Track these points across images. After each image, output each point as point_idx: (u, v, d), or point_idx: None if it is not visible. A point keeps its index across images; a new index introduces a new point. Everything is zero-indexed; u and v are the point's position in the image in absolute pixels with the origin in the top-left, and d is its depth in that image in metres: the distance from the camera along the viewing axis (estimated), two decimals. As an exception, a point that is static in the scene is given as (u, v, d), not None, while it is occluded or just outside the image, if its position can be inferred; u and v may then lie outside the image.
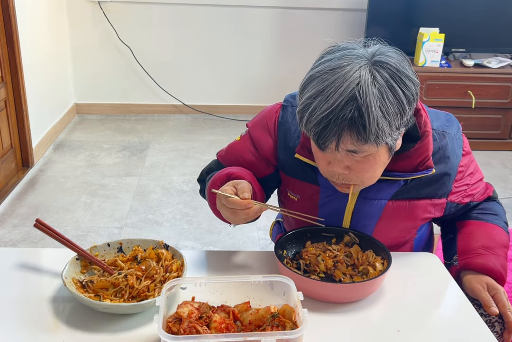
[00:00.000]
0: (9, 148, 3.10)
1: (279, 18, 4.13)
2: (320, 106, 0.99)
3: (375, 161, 1.06)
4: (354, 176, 1.08)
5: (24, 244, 2.50)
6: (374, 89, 0.97)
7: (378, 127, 0.98)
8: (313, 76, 1.03)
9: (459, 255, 1.25)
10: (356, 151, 1.03)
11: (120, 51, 4.11)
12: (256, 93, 4.33)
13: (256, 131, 1.29)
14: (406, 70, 1.02)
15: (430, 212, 1.26)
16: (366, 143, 1.00)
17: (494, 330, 1.14)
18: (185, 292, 1.01)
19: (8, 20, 2.94)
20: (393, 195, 1.21)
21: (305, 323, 0.89)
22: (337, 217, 1.25)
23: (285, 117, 1.26)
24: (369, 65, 1.00)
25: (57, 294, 1.08)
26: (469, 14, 3.70)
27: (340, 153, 1.04)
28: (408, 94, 1.01)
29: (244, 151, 1.29)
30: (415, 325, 1.04)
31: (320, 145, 1.03)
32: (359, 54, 1.02)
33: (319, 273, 1.15)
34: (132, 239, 1.19)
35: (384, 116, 0.98)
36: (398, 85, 1.00)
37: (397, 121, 1.01)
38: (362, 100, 0.96)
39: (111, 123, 4.13)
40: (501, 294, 1.15)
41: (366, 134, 0.98)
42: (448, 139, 1.22)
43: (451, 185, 1.24)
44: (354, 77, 0.98)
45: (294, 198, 1.28)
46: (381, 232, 1.25)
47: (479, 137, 3.78)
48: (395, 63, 1.01)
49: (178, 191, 3.08)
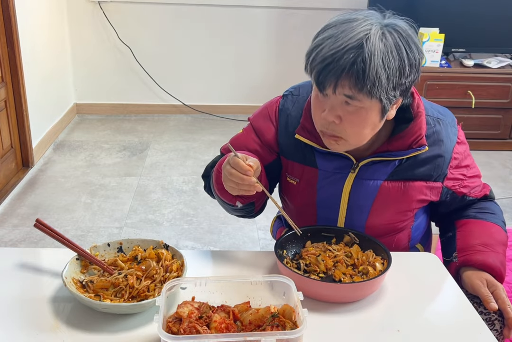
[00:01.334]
0: (9, 148, 3.10)
1: (279, 18, 4.13)
2: (329, 46, 1.06)
3: (366, 117, 1.12)
4: (343, 128, 1.13)
5: (24, 244, 2.50)
6: (380, 43, 1.05)
7: (376, 76, 1.04)
8: (328, 25, 1.11)
9: (459, 251, 1.26)
10: (352, 97, 1.08)
11: (120, 51, 4.11)
12: (256, 93, 4.33)
13: (258, 121, 1.35)
14: (414, 37, 1.10)
15: (426, 194, 1.28)
16: (362, 91, 1.06)
17: (494, 328, 1.14)
18: (185, 292, 1.01)
19: (8, 20, 2.94)
20: (389, 175, 1.25)
21: (305, 323, 0.89)
22: (335, 199, 1.29)
23: (285, 104, 1.32)
24: (380, 25, 1.08)
25: (57, 294, 1.08)
26: (469, 14, 3.70)
27: (336, 99, 1.10)
28: (411, 58, 1.08)
29: (248, 142, 1.34)
30: (415, 325, 1.04)
31: (319, 84, 1.09)
32: (374, 14, 1.11)
33: (319, 273, 1.15)
34: (132, 239, 1.19)
35: (384, 68, 1.05)
36: (404, 47, 1.07)
37: (395, 78, 1.07)
38: (367, 49, 1.04)
39: (111, 123, 4.13)
40: (501, 290, 1.16)
41: (363, 80, 1.04)
42: (442, 125, 1.27)
43: (446, 168, 1.27)
44: (365, 29, 1.06)
45: (293, 181, 1.32)
46: (377, 213, 1.28)
47: (479, 137, 3.78)
48: (405, 29, 1.09)
49: (178, 191, 3.08)
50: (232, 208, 1.30)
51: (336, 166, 1.27)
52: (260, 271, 1.19)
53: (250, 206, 1.29)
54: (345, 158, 1.26)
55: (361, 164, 1.25)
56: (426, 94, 3.64)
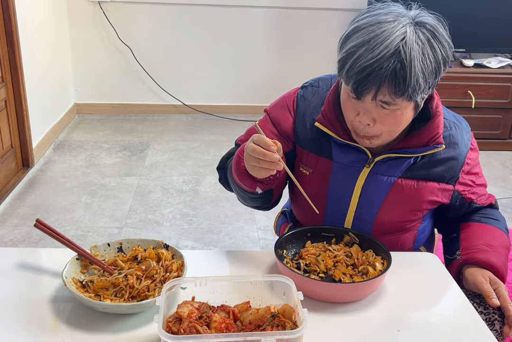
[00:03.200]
0: (9, 148, 3.10)
1: (279, 18, 4.13)
2: (366, 55, 1.05)
3: (402, 117, 1.13)
4: (378, 128, 1.14)
5: (24, 244, 2.50)
6: (417, 46, 1.05)
7: (416, 82, 1.05)
8: (358, 28, 1.09)
9: (462, 250, 1.26)
10: (389, 103, 1.09)
11: (120, 51, 4.11)
12: (256, 93, 4.33)
13: (275, 111, 1.35)
14: (444, 35, 1.10)
15: (437, 195, 1.28)
16: (402, 96, 1.07)
17: (494, 329, 1.14)
18: (185, 292, 1.01)
19: (8, 20, 2.94)
20: (403, 172, 1.25)
21: (305, 323, 0.89)
22: (347, 192, 1.29)
23: (305, 95, 1.33)
24: (413, 25, 1.07)
25: (57, 294, 1.08)
26: (469, 14, 3.70)
27: (371, 103, 1.10)
28: (445, 56, 1.09)
29: (265, 132, 1.30)
30: (415, 325, 1.04)
31: (358, 93, 1.08)
32: (403, 13, 1.09)
33: (319, 273, 1.15)
34: (132, 239, 1.19)
35: (423, 72, 1.05)
36: (437, 45, 1.08)
37: (432, 79, 1.09)
38: (406, 55, 1.03)
39: (111, 123, 4.13)
40: (503, 288, 1.16)
41: (404, 87, 1.05)
42: (458, 129, 1.29)
43: (458, 172, 1.28)
44: (400, 32, 1.05)
45: (306, 172, 1.32)
46: (387, 209, 1.28)
47: (479, 137, 3.73)
48: (436, 26, 1.10)
49: (178, 191, 3.08)
50: (251, 196, 1.27)
51: (352, 159, 1.27)
52: (260, 271, 1.19)
53: (268, 194, 1.28)
54: (361, 153, 1.26)
55: (377, 159, 1.25)
56: (426, 94, 3.63)
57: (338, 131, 1.24)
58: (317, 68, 4.21)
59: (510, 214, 3.00)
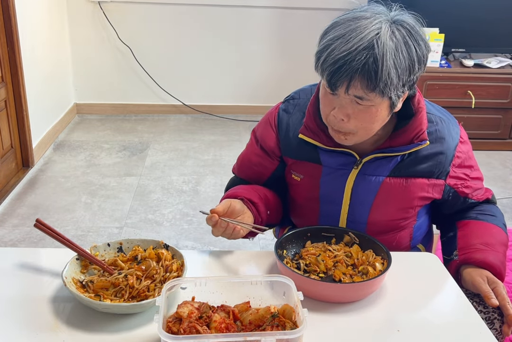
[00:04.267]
0: (9, 148, 3.10)
1: (278, 18, 4.13)
2: (339, 48, 1.07)
3: (376, 114, 1.13)
4: (353, 124, 1.15)
5: (24, 244, 2.50)
6: (390, 42, 1.06)
7: (388, 76, 1.06)
8: (336, 23, 1.12)
9: (459, 250, 1.26)
10: (362, 98, 1.09)
11: (120, 51, 4.11)
12: (256, 93, 4.33)
13: (259, 129, 1.40)
14: (421, 34, 1.11)
15: (427, 191, 1.28)
16: (374, 91, 1.07)
17: (493, 327, 1.15)
18: (185, 292, 1.01)
19: (8, 20, 2.94)
20: (391, 171, 1.26)
21: (305, 323, 0.89)
22: (338, 194, 1.30)
23: (287, 108, 1.35)
24: (389, 22, 1.09)
25: (57, 294, 1.08)
26: (469, 14, 3.70)
27: (346, 98, 1.11)
28: (420, 54, 1.10)
29: (251, 157, 1.41)
30: (415, 325, 1.04)
31: (331, 85, 1.10)
32: (381, 11, 1.11)
33: (319, 273, 1.15)
34: (132, 239, 1.19)
35: (395, 67, 1.06)
36: (413, 43, 1.08)
37: (405, 76, 1.09)
38: (379, 49, 1.05)
39: (111, 123, 4.13)
40: (501, 287, 1.16)
41: (376, 80, 1.05)
42: (444, 124, 1.29)
43: (448, 166, 1.28)
44: (375, 27, 1.06)
45: (297, 178, 1.34)
46: (378, 208, 1.29)
47: (479, 137, 3.78)
48: (413, 25, 1.10)
49: (178, 191, 3.08)
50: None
51: (340, 163, 1.28)
52: (260, 271, 1.19)
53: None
54: (348, 156, 1.27)
55: (365, 160, 1.26)
56: (426, 94, 3.64)
57: (322, 140, 1.27)
58: (317, 68, 4.20)
59: (510, 214, 3.00)
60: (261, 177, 1.41)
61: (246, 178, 1.44)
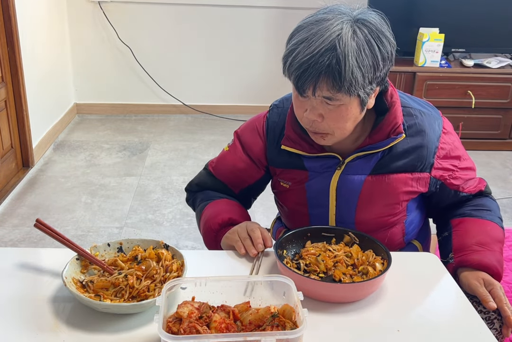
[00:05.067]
0: (9, 149, 3.10)
1: (279, 18, 4.13)
2: (303, 52, 1.08)
3: (347, 112, 1.14)
4: (327, 124, 1.16)
5: (24, 244, 2.50)
6: (352, 42, 1.07)
7: (352, 76, 1.07)
8: (300, 27, 1.13)
9: (455, 252, 1.26)
10: (331, 99, 1.11)
11: (120, 51, 4.11)
12: (256, 93, 4.33)
13: (245, 135, 1.39)
14: (384, 31, 1.12)
15: (412, 185, 1.28)
16: (340, 91, 1.09)
17: (493, 327, 1.15)
18: (185, 292, 1.01)
19: (8, 20, 2.95)
20: (372, 169, 1.27)
21: (305, 323, 0.89)
22: (323, 196, 1.31)
23: (271, 117, 1.35)
24: (351, 22, 1.10)
25: (57, 294, 1.08)
26: (469, 14, 3.70)
27: (316, 99, 1.13)
28: (384, 52, 1.11)
29: (235, 161, 1.39)
30: (415, 325, 1.04)
31: (299, 89, 1.12)
32: (343, 11, 1.12)
33: (319, 273, 1.15)
34: (132, 239, 1.19)
35: (359, 66, 1.07)
36: (375, 42, 1.09)
37: (370, 74, 1.10)
38: (341, 50, 1.06)
39: (111, 123, 4.13)
40: (498, 289, 1.16)
41: (340, 81, 1.07)
42: (425, 117, 1.28)
43: (431, 158, 1.27)
44: (336, 29, 1.08)
45: (286, 185, 1.35)
46: (364, 207, 1.30)
47: (479, 137, 3.78)
48: (375, 23, 1.11)
49: (178, 191, 3.08)
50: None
51: (324, 166, 1.29)
52: (260, 271, 1.19)
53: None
54: (332, 158, 1.28)
55: (347, 161, 1.27)
56: (426, 94, 3.64)
57: (304, 148, 1.28)
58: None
59: (510, 214, 3.00)
60: (243, 184, 1.42)
61: (225, 180, 1.42)
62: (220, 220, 1.32)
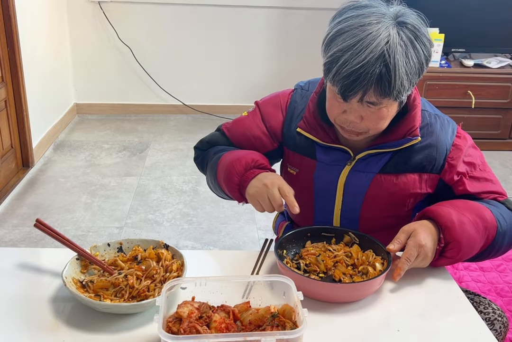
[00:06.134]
0: (9, 149, 3.10)
1: (279, 18, 4.13)
2: (351, 60, 1.06)
3: (387, 113, 1.15)
4: (365, 125, 1.16)
5: (24, 244, 2.50)
6: (400, 49, 1.06)
7: (401, 84, 1.08)
8: (342, 30, 1.09)
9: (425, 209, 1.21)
10: (375, 104, 1.12)
11: (120, 51, 4.11)
12: (256, 93, 4.31)
13: (267, 107, 1.38)
14: (424, 32, 1.11)
15: (420, 188, 1.27)
16: (387, 97, 1.09)
17: (494, 328, 1.15)
18: (185, 292, 1.01)
19: (8, 20, 2.94)
20: (381, 168, 1.26)
21: (305, 323, 0.89)
22: (331, 189, 1.31)
23: (294, 98, 1.35)
24: (396, 26, 1.08)
25: (57, 294, 1.08)
26: (469, 14, 3.70)
27: (358, 104, 1.12)
28: (427, 55, 1.11)
29: (252, 127, 1.37)
30: (415, 325, 1.04)
31: (345, 97, 1.11)
32: (385, 13, 1.10)
33: (319, 273, 1.15)
34: (132, 239, 1.19)
35: (407, 74, 1.08)
36: (419, 46, 1.09)
37: (415, 79, 1.12)
38: (391, 58, 1.05)
39: (111, 123, 4.13)
40: (416, 242, 1.10)
41: (390, 89, 1.07)
42: (439, 120, 1.28)
43: (441, 159, 1.25)
44: (383, 36, 1.06)
45: (293, 172, 1.35)
46: (369, 205, 1.29)
47: (479, 137, 3.77)
48: (417, 25, 1.10)
49: (178, 191, 3.08)
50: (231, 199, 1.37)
51: (334, 159, 1.29)
52: (260, 271, 1.19)
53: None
54: (343, 152, 1.28)
55: (358, 157, 1.27)
56: (426, 94, 3.64)
57: (320, 135, 1.28)
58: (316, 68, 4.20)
59: (510, 214, 3.00)
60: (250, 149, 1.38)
61: (237, 143, 1.39)
62: (244, 162, 1.25)
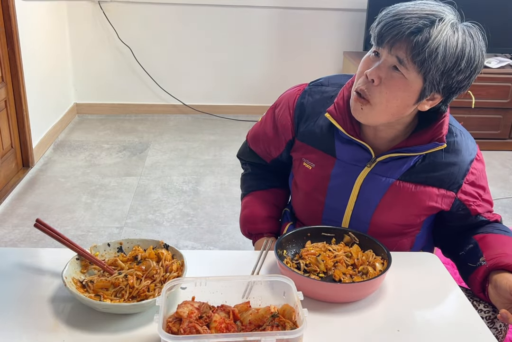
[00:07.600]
0: (9, 148, 3.10)
1: (279, 18, 4.13)
2: (402, 9, 1.10)
3: (404, 88, 1.12)
4: (378, 91, 1.13)
5: (24, 244, 2.50)
6: (450, 31, 1.07)
7: (435, 50, 1.06)
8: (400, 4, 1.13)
9: (486, 257, 1.20)
10: (401, 63, 1.09)
11: (120, 51, 4.11)
12: (256, 93, 4.33)
13: (276, 108, 1.41)
14: (482, 45, 1.12)
15: (436, 201, 1.26)
16: (415, 59, 1.07)
17: (494, 327, 1.14)
18: (185, 292, 1.01)
19: (8, 20, 2.94)
20: (402, 175, 1.24)
21: (305, 323, 0.89)
22: (346, 189, 1.29)
23: (312, 92, 1.34)
24: (459, 22, 1.12)
25: (57, 294, 1.08)
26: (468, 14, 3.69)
27: (386, 59, 1.11)
28: (471, 57, 1.09)
29: (266, 128, 1.42)
30: (415, 325, 1.04)
31: (380, 37, 1.11)
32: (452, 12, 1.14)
33: (319, 273, 1.15)
34: (132, 239, 1.19)
35: (445, 47, 1.06)
36: (470, 45, 1.09)
37: (450, 63, 1.08)
38: (438, 26, 1.06)
39: (111, 123, 4.13)
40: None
41: (422, 48, 1.05)
42: (463, 137, 1.28)
43: (461, 179, 1.25)
44: (441, 13, 1.09)
45: (309, 166, 1.33)
46: (383, 210, 1.27)
47: (479, 137, 3.75)
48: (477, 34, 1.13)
49: (178, 191, 3.08)
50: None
51: (354, 158, 1.27)
52: (260, 271, 1.19)
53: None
54: (364, 151, 1.26)
55: (379, 160, 1.25)
56: (426, 94, 3.63)
57: (346, 125, 1.25)
58: (317, 68, 4.21)
59: (510, 214, 3.00)
60: (268, 156, 1.45)
61: (256, 150, 1.47)
62: (253, 230, 1.47)
